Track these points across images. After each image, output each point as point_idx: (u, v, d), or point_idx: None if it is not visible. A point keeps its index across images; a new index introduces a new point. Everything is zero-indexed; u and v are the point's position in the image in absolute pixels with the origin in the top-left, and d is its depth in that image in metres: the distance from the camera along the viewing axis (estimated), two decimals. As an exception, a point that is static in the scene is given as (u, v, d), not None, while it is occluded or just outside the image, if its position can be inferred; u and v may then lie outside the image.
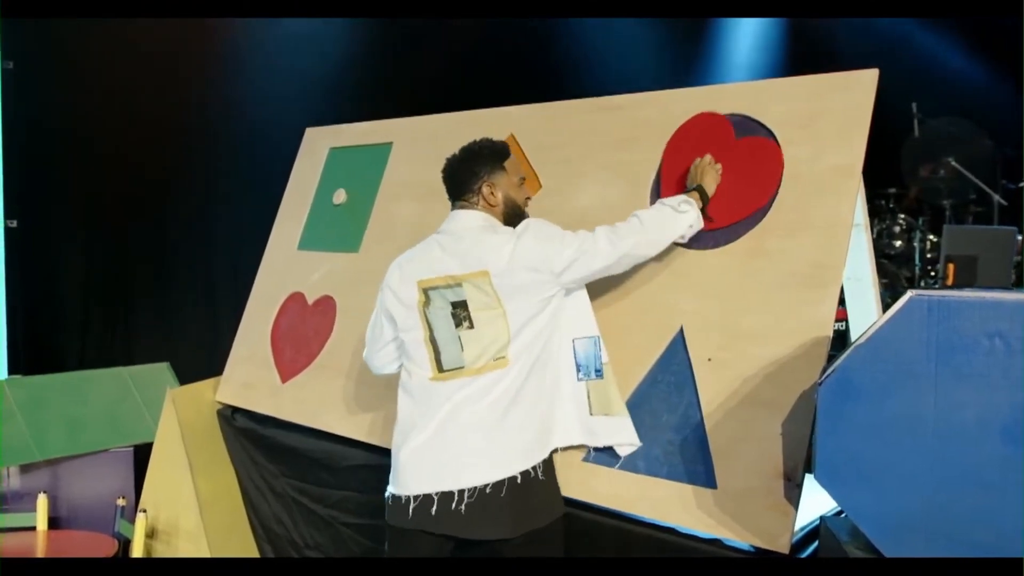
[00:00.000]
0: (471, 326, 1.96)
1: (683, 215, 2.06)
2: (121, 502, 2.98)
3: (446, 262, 2.02)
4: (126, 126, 4.52)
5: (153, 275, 4.71)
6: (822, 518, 1.81)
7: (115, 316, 4.57)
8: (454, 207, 2.13)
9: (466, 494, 1.89)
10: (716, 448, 1.95)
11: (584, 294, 2.09)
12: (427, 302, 2.03)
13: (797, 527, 1.85)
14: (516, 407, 1.93)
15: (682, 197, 2.09)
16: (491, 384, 1.93)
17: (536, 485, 1.94)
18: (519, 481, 1.90)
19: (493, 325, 1.95)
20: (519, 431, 1.94)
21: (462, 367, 1.96)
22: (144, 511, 2.87)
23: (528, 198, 2.20)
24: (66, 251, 4.47)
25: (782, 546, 1.79)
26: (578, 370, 2.07)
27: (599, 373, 2.06)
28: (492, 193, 2.09)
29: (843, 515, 1.71)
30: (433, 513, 1.91)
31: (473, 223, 2.06)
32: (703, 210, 2.10)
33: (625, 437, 2.06)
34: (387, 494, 2.04)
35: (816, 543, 1.90)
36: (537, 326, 1.97)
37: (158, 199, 4.69)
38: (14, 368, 4.17)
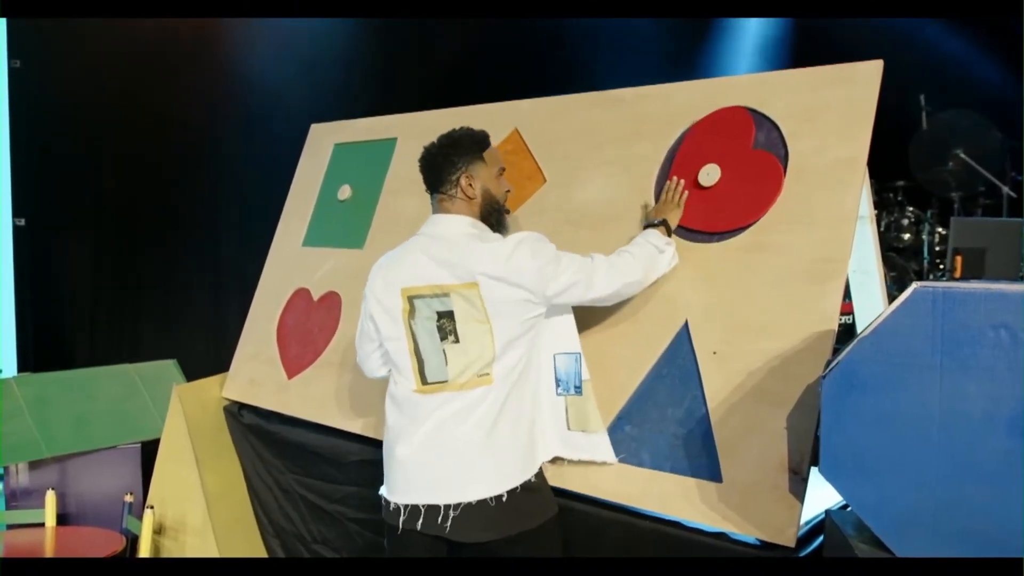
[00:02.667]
0: (456, 340, 1.91)
1: (664, 255, 2.08)
2: (128, 498, 2.99)
3: (433, 270, 1.95)
4: (133, 124, 4.55)
5: (160, 272, 4.73)
6: (827, 512, 1.80)
7: (122, 313, 4.60)
8: (433, 199, 2.09)
9: (451, 509, 1.88)
10: (721, 442, 1.95)
11: (569, 311, 2.06)
12: (412, 311, 1.97)
13: (803, 520, 1.84)
14: (501, 425, 1.91)
15: (663, 238, 2.10)
16: (475, 403, 1.90)
17: (527, 494, 1.92)
18: (507, 496, 1.89)
19: (479, 340, 1.91)
20: (508, 448, 1.92)
21: (446, 381, 1.92)
22: (151, 507, 2.89)
23: (508, 191, 2.15)
24: (74, 249, 4.50)
25: (788, 539, 1.78)
26: (557, 384, 2.06)
27: (578, 390, 2.05)
28: (470, 185, 2.03)
29: (848, 509, 1.70)
30: (419, 525, 1.91)
31: (461, 229, 1.99)
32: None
33: (601, 454, 2.07)
34: (381, 491, 2.03)
35: (822, 537, 1.89)
36: (521, 347, 1.94)
37: (164, 196, 4.72)
38: (23, 366, 4.20)
